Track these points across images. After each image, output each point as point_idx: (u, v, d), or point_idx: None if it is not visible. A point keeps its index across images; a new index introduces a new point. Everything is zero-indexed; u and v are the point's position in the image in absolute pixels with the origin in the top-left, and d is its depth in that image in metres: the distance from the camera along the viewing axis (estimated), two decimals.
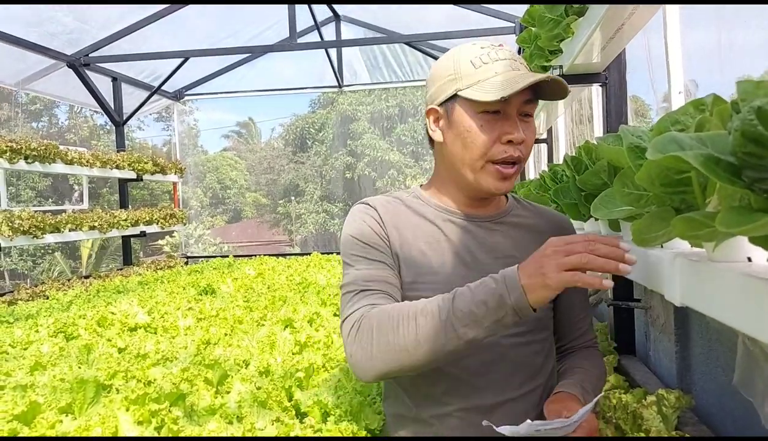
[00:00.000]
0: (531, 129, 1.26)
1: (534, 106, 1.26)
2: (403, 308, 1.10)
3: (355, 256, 1.26)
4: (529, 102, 1.24)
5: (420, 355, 1.06)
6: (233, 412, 1.64)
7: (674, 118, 0.86)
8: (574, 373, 1.34)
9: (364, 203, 1.35)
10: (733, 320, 0.76)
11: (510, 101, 1.20)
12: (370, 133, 17.30)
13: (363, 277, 1.22)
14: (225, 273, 5.20)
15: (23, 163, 4.94)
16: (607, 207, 1.24)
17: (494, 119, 1.22)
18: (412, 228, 1.30)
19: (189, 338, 2.57)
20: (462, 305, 1.04)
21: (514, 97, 1.18)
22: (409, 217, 1.32)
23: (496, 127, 1.21)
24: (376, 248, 1.25)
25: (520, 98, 1.21)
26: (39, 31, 5.92)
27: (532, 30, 2.39)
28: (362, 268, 1.23)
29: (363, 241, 1.26)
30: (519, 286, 1.01)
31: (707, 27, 2.12)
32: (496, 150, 1.22)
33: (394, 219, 1.31)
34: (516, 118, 1.22)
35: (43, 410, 1.55)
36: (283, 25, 6.39)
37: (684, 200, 0.86)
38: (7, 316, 3.64)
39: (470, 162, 1.25)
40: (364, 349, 1.10)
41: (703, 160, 0.63)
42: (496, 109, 1.21)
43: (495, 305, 1.01)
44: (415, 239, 1.29)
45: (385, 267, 1.24)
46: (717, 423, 1.55)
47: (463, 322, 1.03)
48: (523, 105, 1.23)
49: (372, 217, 1.30)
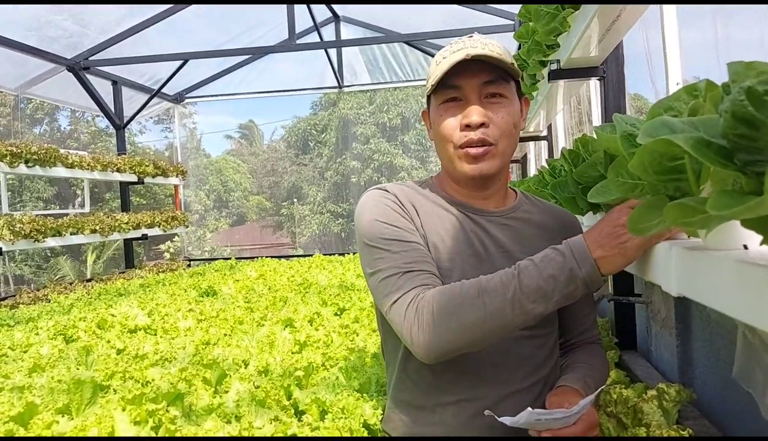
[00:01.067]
0: (502, 110, 1.23)
1: (501, 86, 1.23)
2: (463, 287, 1.08)
3: (387, 240, 1.20)
4: (491, 83, 1.22)
5: (487, 332, 1.06)
6: (231, 411, 1.63)
7: (667, 105, 0.85)
8: (577, 367, 1.33)
9: (380, 189, 1.32)
10: (731, 309, 0.75)
11: (463, 86, 1.21)
12: (376, 138, 17.26)
13: (403, 259, 1.17)
14: (227, 275, 5.20)
15: (24, 167, 4.94)
16: (604, 196, 1.23)
17: (455, 107, 1.23)
18: (430, 213, 1.30)
19: (188, 339, 2.56)
20: (529, 281, 1.03)
21: (467, 81, 1.20)
22: (425, 202, 1.31)
23: (458, 114, 1.23)
24: (406, 230, 1.22)
25: (475, 81, 1.21)
26: (39, 36, 5.93)
27: (529, 25, 2.38)
28: (399, 250, 1.18)
29: (392, 224, 1.22)
30: (590, 258, 1.01)
31: (705, 23, 2.11)
32: (458, 136, 1.23)
33: (413, 203, 1.30)
34: (477, 101, 1.22)
35: (39, 411, 1.55)
36: (282, 26, 6.39)
37: (678, 188, 0.84)
38: (8, 320, 3.64)
39: (447, 153, 1.27)
40: (427, 330, 1.07)
41: (693, 143, 0.61)
42: (453, 97, 1.23)
43: (565, 279, 1.02)
44: (434, 224, 1.28)
45: (420, 247, 1.21)
46: (719, 416, 1.53)
47: (531, 298, 1.03)
48: (483, 86, 1.22)
49: (392, 200, 1.27)
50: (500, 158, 1.26)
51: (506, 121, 1.24)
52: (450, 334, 1.06)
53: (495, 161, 1.25)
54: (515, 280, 1.05)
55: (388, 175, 16.97)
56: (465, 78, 1.21)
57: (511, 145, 1.27)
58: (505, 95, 1.24)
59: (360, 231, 1.25)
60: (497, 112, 1.23)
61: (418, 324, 1.09)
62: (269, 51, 7.33)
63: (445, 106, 1.25)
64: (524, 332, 1.26)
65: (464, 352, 1.12)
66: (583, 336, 1.43)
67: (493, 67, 1.21)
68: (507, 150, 1.27)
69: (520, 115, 1.31)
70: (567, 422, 1.09)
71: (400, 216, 1.24)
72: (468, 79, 1.21)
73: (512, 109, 1.25)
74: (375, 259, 1.20)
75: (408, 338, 1.11)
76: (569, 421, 1.10)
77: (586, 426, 1.12)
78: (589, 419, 1.13)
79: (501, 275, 1.07)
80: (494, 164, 1.25)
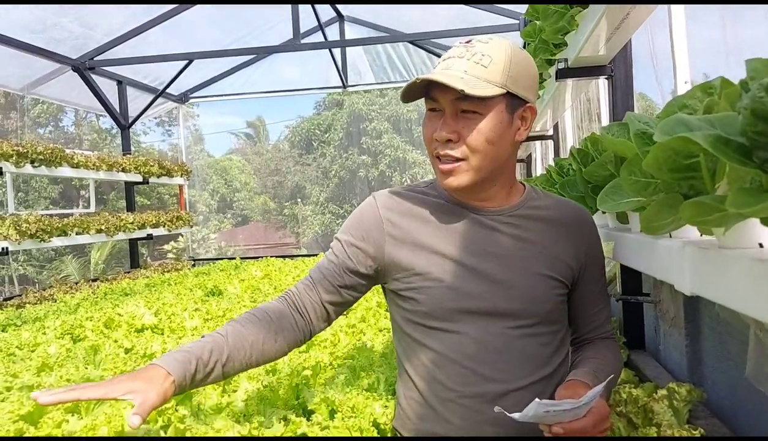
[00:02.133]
0: (472, 127, 1.20)
1: (475, 103, 1.18)
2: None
3: (334, 246, 1.38)
4: (461, 99, 1.18)
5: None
6: (240, 411, 1.63)
7: (682, 102, 0.85)
8: (588, 362, 1.33)
9: (373, 198, 1.39)
10: (747, 307, 0.74)
11: (439, 99, 1.22)
12: (389, 133, 17.26)
13: (314, 273, 1.37)
14: (232, 275, 5.20)
15: (30, 167, 4.96)
16: (614, 199, 1.22)
17: (435, 116, 1.25)
18: (419, 219, 1.31)
19: (195, 338, 2.56)
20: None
21: (441, 94, 1.21)
22: (418, 208, 1.33)
23: (433, 125, 1.25)
24: (339, 258, 1.34)
25: (449, 96, 1.20)
26: (44, 37, 5.95)
27: (536, 24, 2.37)
28: (318, 268, 1.37)
29: (342, 242, 1.36)
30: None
31: (713, 22, 2.10)
32: (431, 147, 1.27)
33: (397, 211, 1.33)
34: (450, 115, 1.22)
35: (49, 410, 1.55)
36: (287, 26, 6.39)
37: (692, 186, 0.84)
38: (15, 319, 3.65)
39: (431, 158, 1.30)
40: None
41: (712, 141, 0.61)
42: (432, 107, 1.26)
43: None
44: (421, 231, 1.30)
45: (322, 276, 1.35)
46: (729, 416, 1.53)
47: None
48: (454, 102, 1.20)
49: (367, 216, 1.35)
50: (474, 173, 1.23)
51: (476, 138, 1.20)
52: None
53: (466, 176, 1.23)
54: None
55: (400, 170, 16.98)
56: (439, 92, 1.21)
57: (485, 161, 1.23)
58: (478, 112, 1.20)
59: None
60: (468, 129, 1.20)
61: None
62: (274, 51, 7.33)
63: (429, 113, 1.28)
64: (526, 330, 1.26)
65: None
66: (596, 332, 1.42)
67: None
68: (481, 165, 1.23)
69: (506, 128, 1.23)
70: (577, 414, 1.08)
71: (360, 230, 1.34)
72: (442, 94, 1.21)
73: (487, 126, 1.20)
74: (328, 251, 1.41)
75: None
76: (579, 413, 1.09)
77: (597, 419, 1.11)
78: (600, 412, 1.12)
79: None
80: (465, 178, 1.23)
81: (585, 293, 1.38)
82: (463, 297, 1.25)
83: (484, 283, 1.25)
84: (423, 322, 1.29)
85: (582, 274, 1.36)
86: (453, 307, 1.25)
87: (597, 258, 1.39)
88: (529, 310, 1.26)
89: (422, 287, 1.28)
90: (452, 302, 1.25)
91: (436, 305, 1.26)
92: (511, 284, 1.26)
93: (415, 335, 1.31)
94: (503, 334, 1.25)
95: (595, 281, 1.39)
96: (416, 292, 1.28)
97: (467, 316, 1.25)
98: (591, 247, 1.37)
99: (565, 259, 1.32)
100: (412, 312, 1.31)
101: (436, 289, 1.26)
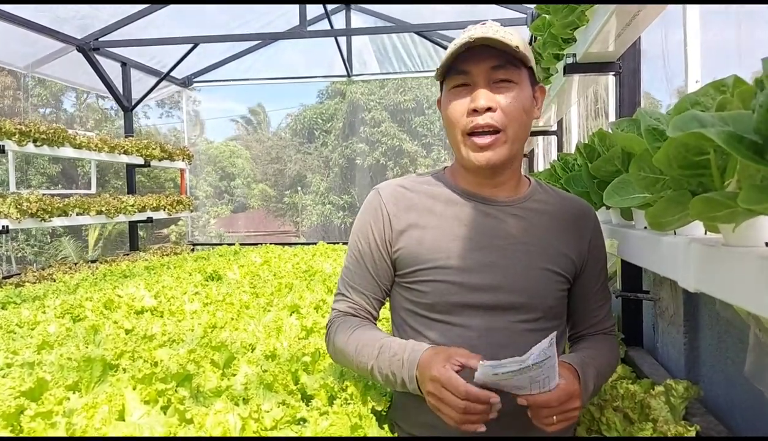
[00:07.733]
0: (510, 95, 1.22)
1: (510, 72, 1.22)
2: (350, 340, 1.32)
3: (352, 254, 1.41)
4: (499, 67, 1.21)
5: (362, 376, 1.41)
6: (239, 394, 1.64)
7: (694, 99, 0.85)
8: (581, 351, 1.33)
9: (377, 190, 1.39)
10: (751, 304, 0.75)
11: (471, 71, 1.22)
12: (388, 122, 17.30)
13: (350, 275, 1.41)
14: (231, 260, 5.21)
15: (32, 146, 4.95)
16: (621, 194, 1.22)
17: (463, 92, 1.24)
18: (424, 212, 1.31)
19: (195, 321, 2.57)
20: (381, 364, 1.24)
21: (475, 65, 1.21)
22: (423, 200, 1.33)
23: (463, 101, 1.24)
24: (365, 251, 1.37)
25: (483, 65, 1.21)
26: (50, 16, 5.92)
27: (545, 18, 2.37)
28: (353, 269, 1.40)
29: (361, 240, 1.38)
30: (416, 381, 1.16)
31: (726, 22, 2.10)
32: (465, 121, 1.24)
33: (402, 205, 1.33)
34: (485, 86, 1.22)
35: (50, 387, 1.56)
36: (293, 13, 6.37)
37: (701, 183, 0.84)
38: (15, 297, 3.66)
39: (455, 139, 1.28)
40: (327, 347, 1.47)
41: (726, 137, 0.61)
42: (462, 82, 1.24)
43: (400, 383, 1.20)
44: (426, 224, 1.30)
45: (366, 272, 1.38)
46: (725, 414, 1.54)
47: (381, 378, 1.25)
48: (491, 72, 1.21)
49: (377, 209, 1.36)
50: (509, 146, 1.24)
51: (515, 107, 1.22)
52: (336, 360, 1.47)
53: (503, 149, 1.24)
54: (374, 361, 1.25)
55: (395, 159, 17.01)
56: (473, 63, 1.21)
57: (521, 131, 1.26)
58: (514, 81, 1.23)
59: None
60: (506, 97, 1.21)
61: (325, 340, 1.47)
62: (279, 37, 7.30)
63: (455, 91, 1.26)
64: (529, 324, 1.27)
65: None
66: (595, 328, 1.41)
67: (501, 52, 1.20)
68: (517, 136, 1.25)
69: (533, 102, 1.29)
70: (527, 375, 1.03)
71: (370, 232, 1.36)
72: (475, 64, 1.21)
73: (522, 95, 1.24)
74: (347, 258, 1.44)
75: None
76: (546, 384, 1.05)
77: (562, 395, 1.07)
78: (567, 389, 1.09)
79: (371, 346, 1.27)
80: (502, 152, 1.24)
81: (586, 288, 1.38)
82: (468, 292, 1.25)
83: (488, 277, 1.25)
84: (425, 314, 1.30)
85: (583, 269, 1.36)
86: (457, 301, 1.26)
87: (599, 253, 1.40)
88: (533, 304, 1.27)
89: (427, 281, 1.28)
90: (457, 296, 1.26)
91: (440, 299, 1.27)
92: (515, 278, 1.26)
93: (416, 325, 1.31)
94: (506, 328, 1.25)
95: (596, 277, 1.39)
96: (421, 284, 1.29)
97: (471, 309, 1.26)
98: (594, 242, 1.37)
99: (568, 254, 1.32)
100: (415, 303, 1.31)
101: (441, 283, 1.26)
